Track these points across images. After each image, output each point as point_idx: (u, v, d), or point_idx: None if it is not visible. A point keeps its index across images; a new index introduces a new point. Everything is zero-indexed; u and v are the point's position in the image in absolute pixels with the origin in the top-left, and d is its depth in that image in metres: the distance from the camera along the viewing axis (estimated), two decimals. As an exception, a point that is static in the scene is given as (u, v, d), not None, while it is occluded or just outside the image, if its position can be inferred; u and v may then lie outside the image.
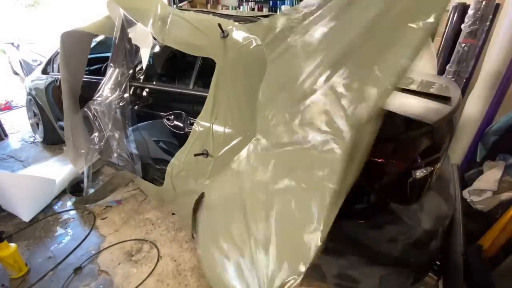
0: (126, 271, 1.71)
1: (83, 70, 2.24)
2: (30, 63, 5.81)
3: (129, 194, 2.44)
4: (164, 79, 1.95)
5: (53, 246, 1.91)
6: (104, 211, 2.24)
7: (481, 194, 1.58)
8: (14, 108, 4.87)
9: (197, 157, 1.38)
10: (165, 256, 1.81)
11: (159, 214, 2.20)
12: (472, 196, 1.62)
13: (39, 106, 2.98)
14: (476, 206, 1.56)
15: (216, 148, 1.31)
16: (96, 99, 1.90)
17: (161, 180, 1.71)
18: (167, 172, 1.61)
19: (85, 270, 1.73)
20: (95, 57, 2.78)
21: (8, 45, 6.98)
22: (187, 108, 1.57)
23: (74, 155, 2.37)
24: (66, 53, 2.11)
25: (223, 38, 1.33)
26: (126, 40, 1.77)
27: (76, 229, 2.07)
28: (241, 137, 1.23)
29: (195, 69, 1.57)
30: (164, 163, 1.65)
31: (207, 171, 1.34)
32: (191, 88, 1.57)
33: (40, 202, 2.23)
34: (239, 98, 1.29)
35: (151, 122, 1.79)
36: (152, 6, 1.63)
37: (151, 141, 1.85)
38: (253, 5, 4.86)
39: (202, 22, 1.46)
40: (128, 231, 2.03)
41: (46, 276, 1.69)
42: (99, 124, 1.95)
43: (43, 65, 2.88)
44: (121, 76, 1.83)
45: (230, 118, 1.29)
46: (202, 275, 1.67)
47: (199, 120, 1.39)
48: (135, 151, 1.96)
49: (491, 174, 1.61)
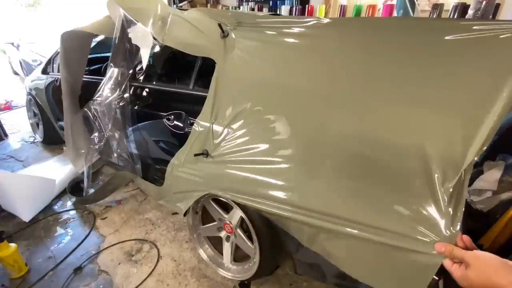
0: (126, 271, 1.71)
1: (83, 70, 2.24)
2: (30, 63, 5.82)
3: (129, 194, 2.44)
4: (164, 79, 1.95)
5: (53, 246, 1.91)
6: (104, 211, 2.24)
7: (481, 194, 1.58)
8: (14, 108, 4.88)
9: (197, 157, 1.38)
10: (165, 256, 1.81)
11: (159, 214, 2.20)
12: (472, 196, 1.62)
13: (39, 106, 2.98)
14: (476, 206, 1.56)
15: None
16: (96, 99, 1.90)
17: (161, 180, 1.71)
18: (167, 172, 1.61)
19: (85, 270, 1.73)
20: (95, 57, 2.78)
21: (8, 45, 7.00)
22: (187, 108, 1.57)
23: (74, 155, 2.37)
24: (66, 53, 2.12)
25: (223, 38, 1.33)
26: (126, 40, 1.77)
27: (76, 229, 2.07)
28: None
29: (195, 69, 1.57)
30: (164, 163, 1.65)
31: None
32: (191, 88, 1.57)
33: (40, 202, 2.23)
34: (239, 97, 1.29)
35: (151, 122, 1.79)
36: (152, 6, 1.63)
37: (151, 141, 1.85)
38: (253, 5, 4.86)
39: (202, 22, 1.46)
40: (128, 231, 2.03)
41: (46, 276, 1.69)
42: (99, 124, 1.95)
43: (43, 65, 2.88)
44: (121, 76, 1.83)
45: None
46: (202, 275, 1.67)
47: (199, 120, 1.39)
48: (135, 151, 1.96)
49: (491, 174, 1.61)
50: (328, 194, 0.99)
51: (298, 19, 1.23)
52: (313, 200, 1.01)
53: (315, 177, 1.03)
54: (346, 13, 3.73)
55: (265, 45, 1.26)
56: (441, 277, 0.92)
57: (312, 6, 4.05)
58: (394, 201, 0.80)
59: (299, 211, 1.04)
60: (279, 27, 1.24)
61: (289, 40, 1.20)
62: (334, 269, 1.19)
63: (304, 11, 4.11)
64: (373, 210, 0.84)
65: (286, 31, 1.21)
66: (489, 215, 1.49)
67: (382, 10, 3.19)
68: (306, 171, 1.06)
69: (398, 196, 0.80)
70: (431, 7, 2.89)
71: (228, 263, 1.63)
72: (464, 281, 0.58)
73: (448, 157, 0.78)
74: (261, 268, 1.43)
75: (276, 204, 1.11)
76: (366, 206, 0.86)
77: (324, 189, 1.00)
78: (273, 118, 1.16)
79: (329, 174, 1.00)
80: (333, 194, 0.97)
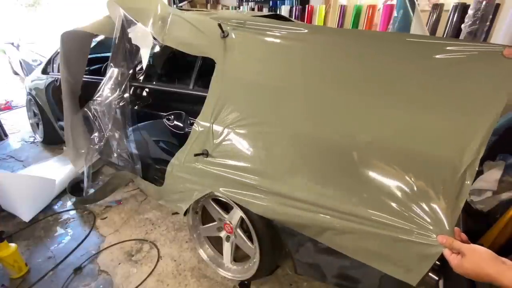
0: (126, 271, 1.71)
1: (83, 70, 2.24)
2: (30, 63, 5.82)
3: (129, 194, 2.44)
4: (164, 79, 1.95)
5: (53, 246, 1.91)
6: (104, 211, 2.24)
7: (481, 194, 1.58)
8: (14, 108, 4.88)
9: (197, 157, 1.38)
10: (165, 256, 1.81)
11: (159, 214, 2.20)
12: (472, 196, 1.62)
13: (39, 106, 2.98)
14: (476, 206, 1.56)
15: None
16: (96, 99, 1.90)
17: (161, 180, 1.71)
18: (167, 172, 1.61)
19: (85, 270, 1.73)
20: (95, 57, 2.78)
21: (8, 45, 7.00)
22: (187, 108, 1.57)
23: (74, 155, 2.37)
24: (66, 53, 2.11)
25: (223, 38, 1.33)
26: (126, 40, 1.76)
27: (76, 229, 2.07)
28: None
29: (195, 69, 1.57)
30: (164, 163, 1.65)
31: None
32: (191, 88, 1.57)
33: (40, 202, 2.23)
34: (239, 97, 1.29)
35: (151, 122, 1.79)
36: (152, 6, 1.63)
37: (151, 141, 1.85)
38: (253, 5, 4.87)
39: (202, 22, 1.46)
40: (128, 231, 2.03)
41: (46, 276, 1.69)
42: (99, 124, 1.95)
43: (43, 65, 2.88)
44: (121, 76, 1.83)
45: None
46: (202, 275, 1.67)
47: (199, 120, 1.39)
48: (135, 151, 1.96)
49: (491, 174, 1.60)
50: (335, 192, 1.01)
51: (297, 25, 1.25)
52: (321, 198, 1.02)
53: (321, 176, 1.04)
54: (346, 13, 3.73)
55: (265, 46, 1.27)
56: (441, 277, 0.92)
57: (312, 6, 4.05)
58: (404, 201, 0.88)
59: (304, 206, 1.06)
60: (279, 28, 1.24)
61: (289, 41, 1.20)
62: (334, 269, 1.19)
63: (304, 11, 4.11)
64: (385, 210, 0.91)
65: (287, 32, 1.22)
66: (489, 215, 1.49)
67: (382, 10, 3.19)
68: (309, 170, 1.07)
69: (407, 196, 0.88)
70: (431, 7, 2.89)
71: (228, 263, 1.63)
72: (459, 268, 0.68)
73: (447, 158, 0.85)
74: (261, 268, 1.43)
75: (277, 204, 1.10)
76: (377, 204, 0.92)
77: (332, 187, 1.02)
78: (273, 118, 1.17)
79: (335, 173, 1.01)
80: (339, 192, 1.00)
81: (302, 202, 1.06)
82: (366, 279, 1.13)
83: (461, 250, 0.70)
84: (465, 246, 0.71)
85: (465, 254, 0.68)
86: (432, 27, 2.83)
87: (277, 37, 1.24)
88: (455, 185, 0.83)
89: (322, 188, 1.03)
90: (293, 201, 1.08)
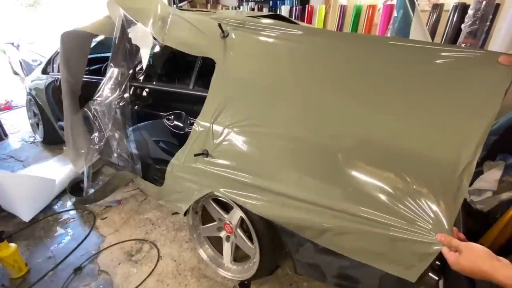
0: (126, 271, 1.71)
1: (83, 70, 2.24)
2: (30, 63, 5.82)
3: (129, 194, 2.44)
4: (164, 79, 1.95)
5: (53, 246, 1.91)
6: (104, 211, 2.24)
7: (481, 194, 1.58)
8: (14, 108, 4.88)
9: (197, 157, 1.38)
10: (165, 256, 1.81)
11: (159, 214, 2.20)
12: (472, 196, 1.62)
13: (39, 106, 2.98)
14: (476, 206, 1.56)
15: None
16: (96, 99, 1.90)
17: (161, 180, 1.71)
18: (167, 172, 1.61)
19: (85, 270, 1.73)
20: (95, 57, 2.78)
21: (8, 45, 6.99)
22: (187, 108, 1.57)
23: (74, 155, 2.37)
24: (66, 53, 2.11)
25: (223, 38, 1.33)
26: (126, 40, 1.76)
27: (76, 229, 2.07)
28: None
29: (195, 69, 1.57)
30: (164, 163, 1.65)
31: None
32: (191, 88, 1.57)
33: (40, 202, 2.23)
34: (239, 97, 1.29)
35: (151, 122, 1.79)
36: (152, 6, 1.63)
37: (151, 141, 1.85)
38: (253, 5, 4.86)
39: (202, 22, 1.46)
40: (128, 231, 2.03)
41: (46, 276, 1.69)
42: (99, 124, 1.95)
43: (43, 65, 2.88)
44: (121, 76, 1.83)
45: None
46: (202, 275, 1.67)
47: (199, 120, 1.39)
48: (135, 151, 1.96)
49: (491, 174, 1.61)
50: (335, 192, 1.01)
51: (297, 27, 1.26)
52: (321, 198, 1.03)
53: (321, 176, 1.04)
54: (346, 13, 3.73)
55: (265, 46, 1.27)
56: (441, 277, 0.92)
57: (312, 6, 4.05)
58: (404, 201, 0.90)
59: (304, 206, 1.06)
60: (279, 29, 1.24)
61: (289, 42, 1.21)
62: (334, 269, 1.19)
63: (304, 11, 4.11)
64: (386, 210, 0.92)
65: (287, 32, 1.23)
66: (489, 215, 1.49)
67: (382, 10, 3.19)
68: (309, 170, 1.07)
69: (407, 196, 0.90)
70: (431, 7, 2.88)
71: (228, 263, 1.63)
72: (456, 265, 0.70)
73: (446, 159, 0.88)
74: (261, 268, 1.44)
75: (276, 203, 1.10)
76: (378, 204, 0.94)
77: (332, 187, 1.02)
78: (273, 119, 1.17)
79: (336, 174, 1.01)
80: (340, 191, 1.01)
81: (302, 202, 1.06)
82: (366, 279, 1.13)
83: (459, 248, 0.72)
84: (463, 243, 0.73)
85: (462, 251, 0.71)
86: (432, 27, 2.82)
87: (277, 38, 1.24)
88: (454, 185, 0.85)
89: (322, 188, 1.03)
90: (293, 201, 1.08)
